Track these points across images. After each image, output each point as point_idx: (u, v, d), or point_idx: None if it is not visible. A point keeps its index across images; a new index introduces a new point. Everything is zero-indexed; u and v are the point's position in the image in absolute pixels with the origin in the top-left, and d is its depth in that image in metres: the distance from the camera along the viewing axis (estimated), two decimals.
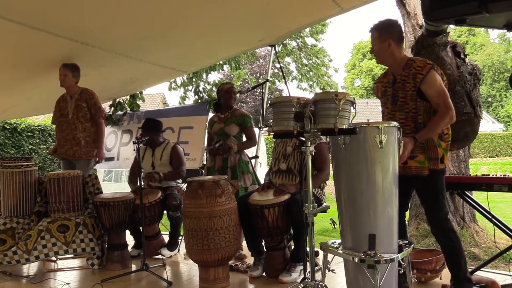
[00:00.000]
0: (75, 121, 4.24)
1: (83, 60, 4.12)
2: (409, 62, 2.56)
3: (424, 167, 2.49)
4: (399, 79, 2.57)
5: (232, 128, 3.88)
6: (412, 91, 2.50)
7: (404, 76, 2.54)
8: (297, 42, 9.70)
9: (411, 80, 2.50)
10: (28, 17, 3.11)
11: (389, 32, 2.55)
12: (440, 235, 2.53)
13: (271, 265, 3.24)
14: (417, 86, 2.48)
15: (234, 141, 3.87)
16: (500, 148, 25.27)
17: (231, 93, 3.96)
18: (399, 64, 2.58)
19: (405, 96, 2.53)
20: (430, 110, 2.50)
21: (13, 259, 3.43)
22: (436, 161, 2.48)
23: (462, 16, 2.31)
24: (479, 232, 4.96)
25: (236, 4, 3.34)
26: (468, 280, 2.53)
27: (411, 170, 2.51)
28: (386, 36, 2.54)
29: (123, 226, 3.74)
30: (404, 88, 2.53)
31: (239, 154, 3.87)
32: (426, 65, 2.49)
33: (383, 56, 2.60)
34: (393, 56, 2.57)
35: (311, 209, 2.30)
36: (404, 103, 2.54)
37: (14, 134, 9.25)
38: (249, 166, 3.93)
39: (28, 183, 3.76)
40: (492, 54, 35.86)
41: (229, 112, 3.96)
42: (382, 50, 2.57)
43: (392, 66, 2.64)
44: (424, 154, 2.49)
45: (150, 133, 4.12)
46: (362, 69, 41.04)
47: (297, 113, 2.25)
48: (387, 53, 2.56)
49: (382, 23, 2.58)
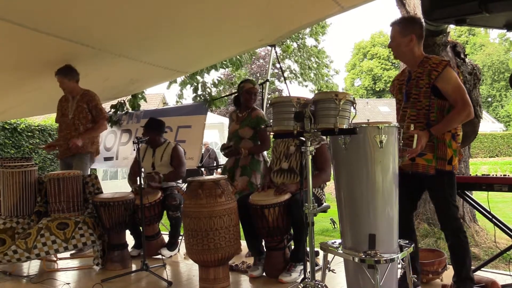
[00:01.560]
0: (75, 121, 4.24)
1: (83, 61, 4.12)
2: (424, 59, 2.55)
3: (430, 166, 2.48)
4: (414, 76, 2.56)
5: (246, 131, 3.84)
6: (426, 88, 2.48)
7: (419, 73, 2.53)
8: (298, 43, 9.72)
9: (426, 77, 2.49)
10: (28, 19, 3.10)
11: (412, 27, 2.54)
12: (448, 234, 2.53)
13: (271, 265, 3.24)
14: (431, 83, 2.46)
15: (249, 143, 3.82)
16: (500, 148, 25.29)
17: (251, 94, 3.90)
18: (416, 61, 2.57)
19: (418, 93, 2.52)
20: (444, 108, 2.49)
21: (13, 257, 3.43)
22: (443, 161, 2.47)
23: (462, 16, 2.32)
24: (479, 232, 4.96)
25: (236, 4, 3.34)
26: (471, 279, 2.53)
27: (418, 167, 2.51)
28: (409, 31, 2.52)
29: (123, 226, 3.74)
30: (418, 85, 2.52)
31: (251, 154, 3.83)
32: (442, 62, 2.49)
33: (403, 51, 2.58)
34: (412, 52, 2.56)
35: (311, 209, 2.30)
36: (416, 100, 2.53)
37: (14, 134, 9.25)
38: (260, 166, 3.86)
39: (28, 183, 3.76)
40: (492, 54, 35.87)
41: (246, 112, 3.92)
42: (402, 44, 2.55)
43: (409, 62, 2.62)
44: (433, 153, 2.48)
45: (153, 132, 4.14)
46: (363, 69, 41.06)
47: (297, 113, 2.25)
48: (407, 48, 2.55)
49: (406, 19, 2.58)
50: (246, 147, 3.79)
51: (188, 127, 5.29)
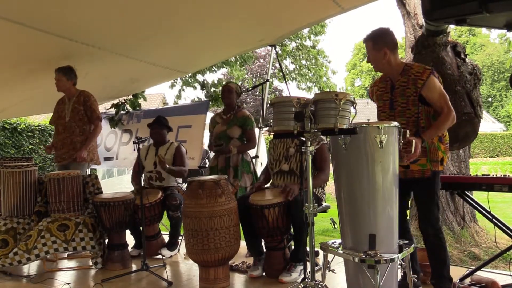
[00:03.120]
0: (72, 124, 4.19)
1: (83, 60, 4.11)
2: (406, 67, 2.60)
3: (426, 169, 2.54)
4: (398, 85, 2.61)
5: (234, 131, 3.92)
6: (414, 96, 2.53)
7: (403, 82, 2.58)
8: (297, 43, 9.71)
9: (412, 85, 2.54)
10: (27, 17, 3.10)
11: (383, 41, 2.58)
12: (431, 233, 2.56)
13: (271, 265, 3.24)
14: (418, 92, 2.51)
15: (237, 143, 3.92)
16: (500, 148, 25.27)
17: (225, 91, 4.01)
18: (396, 71, 2.62)
19: (406, 102, 2.57)
20: (430, 114, 2.56)
21: (14, 260, 3.44)
22: (436, 163, 2.54)
23: (462, 16, 2.31)
24: (479, 232, 4.96)
25: (236, 4, 3.34)
26: (449, 279, 2.57)
27: (414, 173, 2.56)
28: (381, 46, 2.57)
29: (123, 226, 3.74)
30: (405, 93, 2.57)
31: (241, 154, 3.90)
32: (426, 70, 2.53)
33: (380, 64, 2.63)
34: (389, 64, 2.61)
35: (311, 209, 2.30)
36: (405, 109, 2.57)
37: (14, 134, 9.25)
38: (250, 166, 3.97)
39: (28, 183, 3.76)
40: (492, 54, 35.86)
41: (231, 113, 3.97)
42: (378, 59, 2.60)
43: (390, 73, 2.67)
44: (426, 157, 2.53)
45: (161, 128, 4.21)
46: (363, 69, 41.02)
47: (297, 113, 2.25)
48: (384, 61, 2.60)
49: (375, 33, 2.61)
50: (235, 146, 3.90)
51: (189, 127, 5.29)
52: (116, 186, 8.30)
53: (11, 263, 3.44)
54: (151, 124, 4.30)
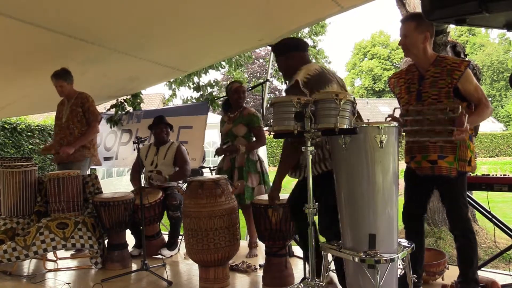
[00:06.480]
0: (69, 125, 4.16)
1: (82, 57, 4.09)
2: (439, 58, 2.49)
3: (452, 168, 2.44)
4: (428, 76, 2.49)
5: (239, 129, 3.85)
6: (449, 87, 2.42)
7: (436, 73, 2.46)
8: None
9: (447, 76, 2.42)
10: (27, 14, 3.10)
11: (427, 25, 2.45)
12: (459, 234, 2.52)
13: (269, 273, 3.13)
14: (454, 83, 2.41)
15: (243, 141, 3.84)
16: (500, 148, 25.28)
17: (240, 92, 3.92)
18: (428, 60, 2.50)
19: (438, 93, 2.45)
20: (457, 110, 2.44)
21: (12, 256, 3.43)
22: (464, 163, 2.45)
23: (462, 16, 2.31)
24: (479, 232, 4.96)
25: (236, 3, 3.34)
26: (475, 281, 2.52)
27: (441, 170, 2.46)
28: (424, 28, 2.45)
29: (123, 226, 3.74)
30: (437, 85, 2.45)
31: (247, 154, 3.83)
32: (463, 61, 2.45)
33: (416, 49, 2.49)
34: (425, 51, 2.49)
35: (311, 209, 2.29)
36: (436, 101, 2.45)
37: (14, 134, 9.25)
38: (257, 166, 3.86)
39: (28, 183, 3.76)
40: (492, 54, 35.85)
41: (238, 112, 3.93)
42: (417, 42, 2.47)
43: (420, 61, 2.54)
44: (454, 155, 2.44)
45: (163, 125, 4.24)
46: (363, 69, 41.03)
47: (298, 113, 2.25)
48: (422, 46, 2.47)
49: (420, 15, 2.41)
50: (243, 145, 3.81)
51: (189, 127, 5.28)
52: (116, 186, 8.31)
53: (9, 259, 3.43)
54: (155, 123, 4.28)
